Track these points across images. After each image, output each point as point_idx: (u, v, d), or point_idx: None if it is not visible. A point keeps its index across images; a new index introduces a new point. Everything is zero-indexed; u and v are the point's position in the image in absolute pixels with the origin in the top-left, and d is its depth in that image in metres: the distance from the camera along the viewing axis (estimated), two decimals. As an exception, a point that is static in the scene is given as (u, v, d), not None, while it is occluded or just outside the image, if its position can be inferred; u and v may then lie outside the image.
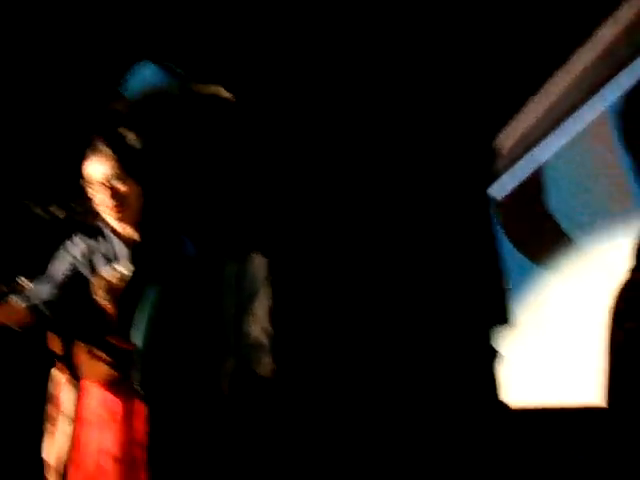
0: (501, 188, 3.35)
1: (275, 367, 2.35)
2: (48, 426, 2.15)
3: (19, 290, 2.07)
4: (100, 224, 2.16)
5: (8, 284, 2.06)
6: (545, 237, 3.08)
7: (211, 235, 2.37)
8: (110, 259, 2.13)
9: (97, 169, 2.08)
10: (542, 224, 2.95)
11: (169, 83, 2.53)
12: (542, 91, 3.07)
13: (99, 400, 2.11)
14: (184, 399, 2.08)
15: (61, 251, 2.18)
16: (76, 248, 2.16)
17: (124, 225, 2.14)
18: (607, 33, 2.71)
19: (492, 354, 2.85)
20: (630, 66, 2.60)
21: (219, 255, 2.36)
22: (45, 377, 2.06)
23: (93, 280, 2.08)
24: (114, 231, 2.15)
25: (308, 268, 2.66)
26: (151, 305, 2.06)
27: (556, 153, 3.06)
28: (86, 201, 2.14)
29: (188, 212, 2.35)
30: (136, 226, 2.14)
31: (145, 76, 2.54)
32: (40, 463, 1.95)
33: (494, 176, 3.22)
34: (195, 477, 2.11)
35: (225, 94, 2.47)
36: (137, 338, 2.04)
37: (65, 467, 2.09)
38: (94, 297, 2.06)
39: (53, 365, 2.14)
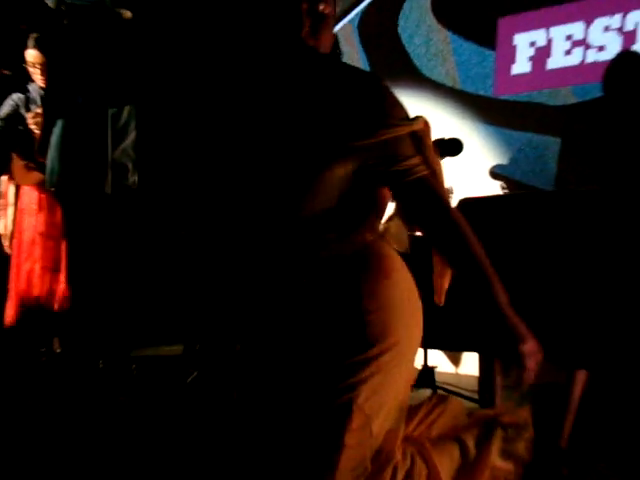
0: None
1: (136, 181, 3.69)
2: (0, 213, 3.82)
3: None
4: (31, 83, 3.74)
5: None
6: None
7: (96, 92, 3.52)
8: (36, 103, 3.72)
9: (30, 55, 3.66)
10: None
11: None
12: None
13: (31, 197, 3.70)
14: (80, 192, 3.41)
15: (8, 99, 3.72)
16: (16, 96, 3.73)
17: (42, 85, 3.71)
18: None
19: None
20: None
21: (102, 103, 3.51)
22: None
23: (27, 115, 3.64)
24: (38, 88, 3.73)
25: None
26: (59, 133, 3.41)
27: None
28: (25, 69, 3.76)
29: (82, 77, 3.54)
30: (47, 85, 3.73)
31: None
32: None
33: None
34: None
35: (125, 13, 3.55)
36: (51, 155, 3.42)
37: (11, 237, 3.80)
38: (29, 127, 3.65)
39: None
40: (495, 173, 4.20)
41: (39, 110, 3.69)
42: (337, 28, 4.60)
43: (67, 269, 3.62)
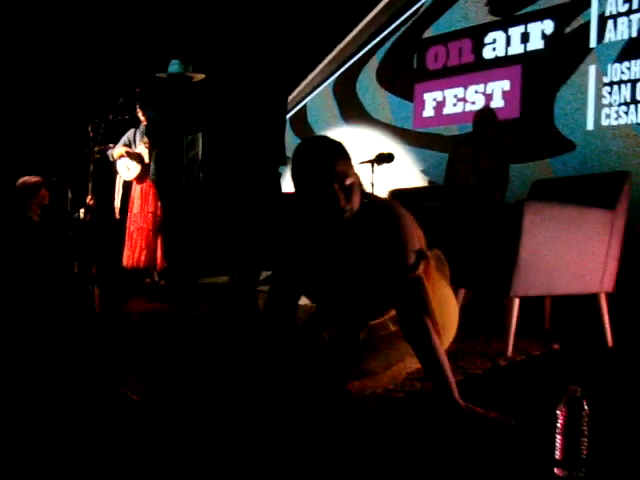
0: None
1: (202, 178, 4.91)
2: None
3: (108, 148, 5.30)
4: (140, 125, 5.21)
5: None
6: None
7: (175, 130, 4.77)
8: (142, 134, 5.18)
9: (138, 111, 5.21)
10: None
11: (177, 70, 4.87)
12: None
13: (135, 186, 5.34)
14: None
15: (125, 134, 5.34)
16: (129, 132, 5.30)
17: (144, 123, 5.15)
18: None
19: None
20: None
21: (179, 134, 4.73)
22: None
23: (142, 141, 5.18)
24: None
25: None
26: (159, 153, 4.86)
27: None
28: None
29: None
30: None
31: (168, 69, 4.88)
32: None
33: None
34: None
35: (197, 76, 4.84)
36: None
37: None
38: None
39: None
40: (417, 174, 5.74)
41: (146, 139, 5.36)
42: (320, 88, 6.80)
43: (162, 233, 5.23)
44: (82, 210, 5.04)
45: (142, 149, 5.47)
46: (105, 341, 3.17)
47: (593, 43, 4.76)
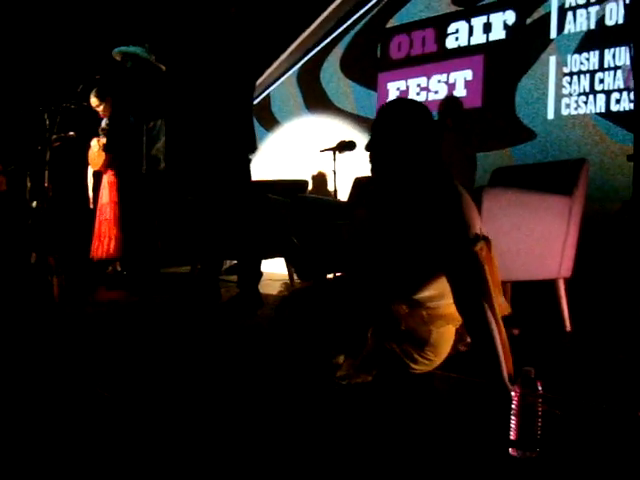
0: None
1: (165, 166, 4.94)
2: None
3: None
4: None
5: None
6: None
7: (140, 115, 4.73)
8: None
9: (92, 101, 5.18)
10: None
11: (139, 54, 4.80)
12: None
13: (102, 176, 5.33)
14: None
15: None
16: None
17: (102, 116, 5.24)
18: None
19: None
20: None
21: (143, 121, 4.72)
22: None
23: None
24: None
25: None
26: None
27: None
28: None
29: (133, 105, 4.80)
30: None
31: (129, 48, 4.81)
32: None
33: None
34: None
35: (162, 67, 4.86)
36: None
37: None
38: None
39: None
40: None
41: (104, 126, 5.38)
42: (284, 78, 6.79)
43: (121, 222, 5.14)
44: (35, 201, 5.08)
45: (102, 138, 5.43)
46: (63, 331, 3.14)
47: (553, 34, 4.81)
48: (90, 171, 5.67)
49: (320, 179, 6.14)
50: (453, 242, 1.91)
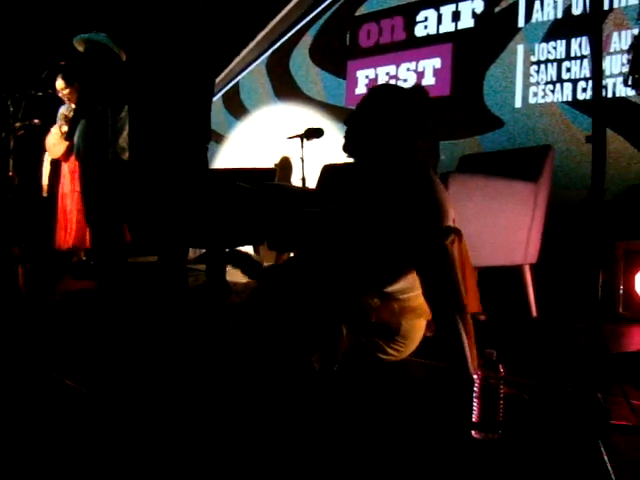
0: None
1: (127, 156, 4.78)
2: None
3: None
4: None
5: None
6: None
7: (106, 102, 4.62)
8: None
9: (58, 85, 4.98)
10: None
11: (102, 41, 4.70)
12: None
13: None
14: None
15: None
16: (59, 111, 5.16)
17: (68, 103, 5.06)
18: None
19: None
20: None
21: (109, 109, 4.62)
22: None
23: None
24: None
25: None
26: (83, 126, 4.62)
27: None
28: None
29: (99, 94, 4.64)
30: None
31: (91, 35, 4.70)
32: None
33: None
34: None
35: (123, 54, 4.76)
36: (77, 139, 4.69)
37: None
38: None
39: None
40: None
41: (66, 112, 5.27)
42: (253, 66, 6.73)
43: (86, 212, 4.87)
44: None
45: (64, 126, 5.31)
46: (31, 322, 3.11)
47: (521, 23, 4.83)
48: (47, 159, 5.56)
49: (288, 167, 6.10)
50: (424, 233, 1.92)
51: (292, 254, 3.25)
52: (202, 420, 1.68)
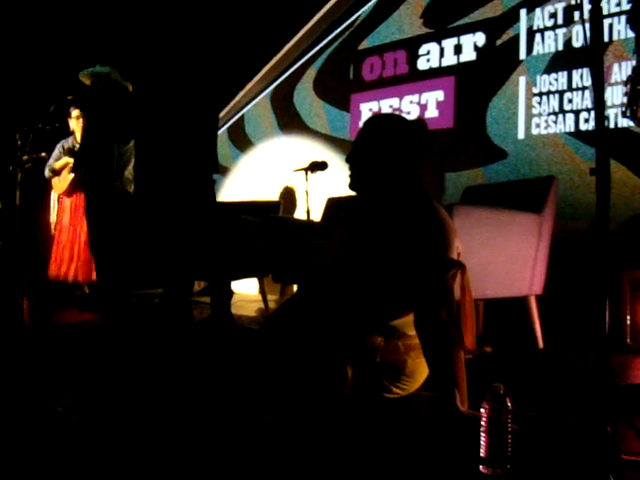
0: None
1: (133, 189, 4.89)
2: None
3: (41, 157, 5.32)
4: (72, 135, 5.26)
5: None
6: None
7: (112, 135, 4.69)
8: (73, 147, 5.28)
9: (74, 113, 5.14)
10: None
11: (109, 74, 4.79)
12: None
13: (65, 200, 5.36)
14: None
15: (57, 145, 5.35)
16: (59, 145, 5.33)
17: (78, 131, 5.20)
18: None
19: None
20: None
21: (115, 142, 4.70)
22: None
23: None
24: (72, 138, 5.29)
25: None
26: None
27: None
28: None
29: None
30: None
31: (97, 69, 4.80)
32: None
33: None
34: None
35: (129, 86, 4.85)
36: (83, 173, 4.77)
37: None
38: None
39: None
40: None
41: (71, 146, 5.41)
42: (258, 99, 6.81)
43: (92, 245, 4.91)
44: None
45: (69, 160, 5.38)
46: (35, 353, 3.10)
47: (523, 55, 4.88)
48: (54, 196, 5.64)
49: (292, 199, 6.13)
50: (424, 265, 1.87)
51: (296, 287, 3.22)
52: (204, 454, 1.66)
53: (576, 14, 4.56)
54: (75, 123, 5.41)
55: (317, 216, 5.03)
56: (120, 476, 1.55)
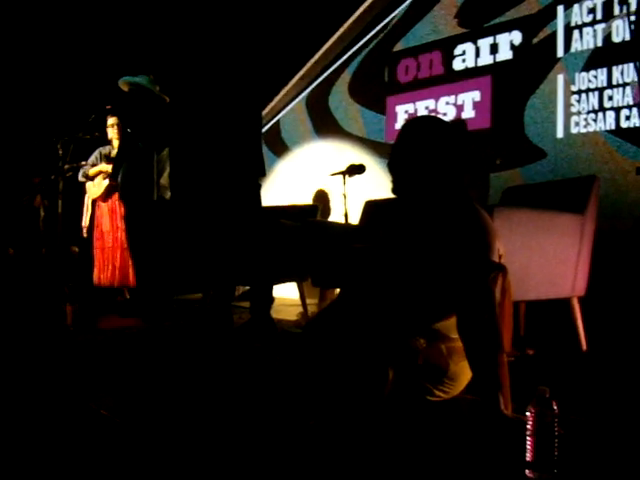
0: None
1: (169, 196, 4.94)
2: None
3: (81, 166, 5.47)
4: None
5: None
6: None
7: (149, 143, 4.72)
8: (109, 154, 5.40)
9: (110, 121, 5.21)
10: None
11: (146, 84, 4.84)
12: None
13: (102, 205, 5.47)
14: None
15: (95, 152, 5.43)
16: (97, 151, 5.43)
17: (116, 138, 5.30)
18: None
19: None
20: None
21: (152, 149, 4.72)
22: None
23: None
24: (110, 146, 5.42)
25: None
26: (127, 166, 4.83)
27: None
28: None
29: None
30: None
31: (136, 78, 4.84)
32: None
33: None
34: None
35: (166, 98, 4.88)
36: (122, 178, 4.84)
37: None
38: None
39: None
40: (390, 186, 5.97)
41: (107, 153, 5.54)
42: (293, 104, 6.85)
43: (132, 251, 4.98)
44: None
45: (104, 166, 5.49)
46: (78, 357, 3.16)
47: (560, 53, 4.82)
48: (88, 200, 5.74)
49: (330, 203, 6.14)
50: (466, 268, 1.87)
51: (336, 291, 3.22)
52: (247, 457, 1.68)
53: (616, 8, 4.48)
54: (112, 131, 5.51)
55: (355, 220, 5.02)
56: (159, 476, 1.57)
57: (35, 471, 1.63)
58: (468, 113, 5.41)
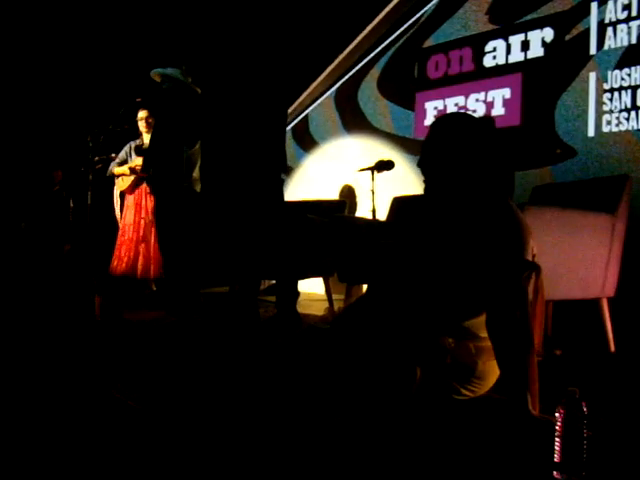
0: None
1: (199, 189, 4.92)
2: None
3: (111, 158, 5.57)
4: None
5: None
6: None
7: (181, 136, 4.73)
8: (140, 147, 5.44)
9: (140, 115, 5.22)
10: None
11: (178, 77, 4.83)
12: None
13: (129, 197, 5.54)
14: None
15: (125, 146, 5.45)
16: (127, 146, 5.47)
17: (145, 131, 5.34)
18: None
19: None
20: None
21: (183, 143, 4.75)
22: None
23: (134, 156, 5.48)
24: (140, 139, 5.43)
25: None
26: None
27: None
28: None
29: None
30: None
31: (168, 70, 4.84)
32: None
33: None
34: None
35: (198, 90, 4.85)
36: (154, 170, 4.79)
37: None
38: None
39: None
40: (418, 182, 5.87)
41: (138, 144, 5.57)
42: (322, 99, 6.85)
43: (161, 244, 4.95)
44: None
45: (138, 160, 5.53)
46: (104, 347, 3.24)
47: (593, 50, 4.76)
48: (117, 192, 5.81)
49: (357, 199, 6.14)
50: (500, 266, 1.84)
51: (363, 287, 3.21)
52: (273, 452, 1.69)
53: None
54: (142, 124, 5.57)
55: (383, 215, 5.02)
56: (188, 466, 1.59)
57: (58, 453, 1.66)
58: (498, 110, 5.37)
